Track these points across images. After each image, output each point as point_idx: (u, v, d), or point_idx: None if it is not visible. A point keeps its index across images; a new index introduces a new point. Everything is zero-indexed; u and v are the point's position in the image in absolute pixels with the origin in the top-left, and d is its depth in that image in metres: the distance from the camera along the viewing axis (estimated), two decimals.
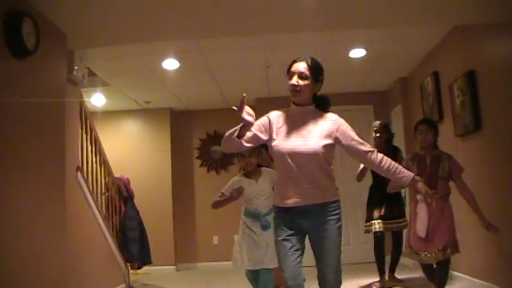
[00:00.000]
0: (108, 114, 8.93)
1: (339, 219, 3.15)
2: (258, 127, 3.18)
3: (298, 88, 3.11)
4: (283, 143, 3.10)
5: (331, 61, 7.04)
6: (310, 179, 3.07)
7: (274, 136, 3.15)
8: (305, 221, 3.11)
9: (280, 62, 6.98)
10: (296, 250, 3.10)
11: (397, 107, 8.34)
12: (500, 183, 5.04)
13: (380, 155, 3.13)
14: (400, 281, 6.29)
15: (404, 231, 6.43)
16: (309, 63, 3.16)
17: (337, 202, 3.18)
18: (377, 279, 6.28)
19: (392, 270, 6.36)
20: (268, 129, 3.18)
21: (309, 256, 3.21)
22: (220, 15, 4.71)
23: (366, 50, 6.68)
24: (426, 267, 4.73)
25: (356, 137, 3.17)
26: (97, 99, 8.05)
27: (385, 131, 6.33)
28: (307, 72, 3.12)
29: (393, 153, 6.33)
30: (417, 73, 7.50)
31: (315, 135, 3.09)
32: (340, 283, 3.12)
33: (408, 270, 6.90)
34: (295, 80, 3.12)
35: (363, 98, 8.93)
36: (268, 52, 6.60)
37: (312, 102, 3.23)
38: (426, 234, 4.49)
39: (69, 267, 4.82)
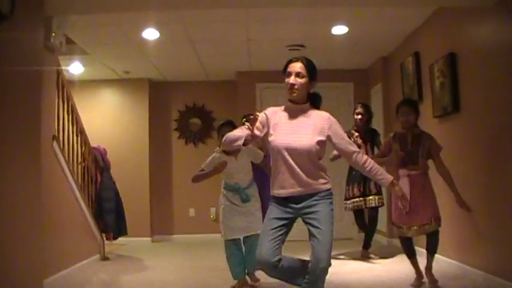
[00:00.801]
0: (86, 84, 8.79)
1: (331, 203, 3.36)
2: (256, 128, 3.32)
3: (296, 86, 3.29)
4: (280, 138, 3.29)
5: (314, 37, 7.02)
6: (304, 172, 3.27)
7: (271, 131, 3.34)
8: (298, 206, 3.31)
9: (262, 36, 6.96)
10: (279, 231, 3.30)
11: (377, 86, 8.37)
12: (476, 164, 5.11)
13: (365, 157, 3.38)
14: (373, 254, 6.53)
15: (381, 210, 6.58)
16: (305, 62, 3.34)
17: (329, 190, 3.38)
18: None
19: (366, 246, 6.50)
20: (266, 125, 3.35)
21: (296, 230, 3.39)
22: None
23: (348, 27, 6.64)
24: (405, 241, 4.83)
25: (346, 137, 3.40)
26: (75, 68, 7.91)
27: (367, 112, 6.47)
28: (304, 72, 3.30)
29: (372, 135, 6.47)
30: (398, 53, 7.50)
31: (309, 131, 3.29)
32: (330, 263, 3.24)
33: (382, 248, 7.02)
34: (293, 79, 3.28)
35: (343, 75, 8.93)
36: (250, 26, 6.54)
37: (307, 101, 3.41)
38: (409, 208, 4.57)
39: (44, 238, 4.80)
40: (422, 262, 4.87)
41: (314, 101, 3.45)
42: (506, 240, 4.53)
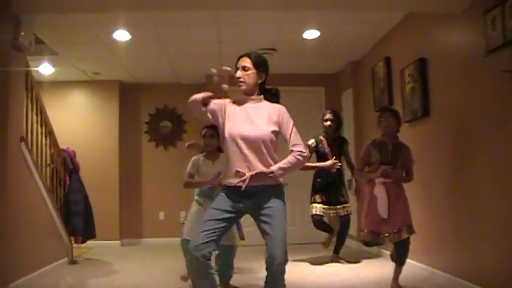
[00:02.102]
0: (56, 85, 8.66)
1: (283, 199, 3.34)
2: (219, 105, 3.40)
3: (242, 79, 3.39)
4: (234, 127, 3.32)
5: (285, 41, 7.04)
6: (257, 162, 3.27)
7: (226, 120, 3.37)
8: (250, 201, 3.28)
9: (234, 38, 6.96)
10: (220, 223, 3.23)
11: (348, 90, 8.43)
12: (445, 168, 5.18)
13: (296, 157, 3.30)
14: (342, 259, 6.56)
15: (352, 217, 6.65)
16: (251, 57, 3.43)
17: (281, 186, 3.37)
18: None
19: (337, 251, 6.54)
20: (224, 112, 3.39)
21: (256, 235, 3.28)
22: None
23: (320, 31, 6.68)
24: (370, 246, 4.85)
25: (294, 134, 3.36)
26: (44, 69, 7.80)
27: (336, 119, 6.50)
28: (250, 65, 3.39)
29: (341, 143, 6.51)
30: (369, 57, 7.57)
31: (263, 121, 3.33)
32: (287, 259, 3.18)
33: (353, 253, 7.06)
34: (238, 73, 3.39)
35: (314, 79, 8.98)
36: (221, 28, 6.53)
37: (259, 93, 3.47)
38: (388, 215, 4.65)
39: (10, 241, 4.71)
40: (388, 267, 4.90)
41: (271, 96, 3.50)
42: (469, 244, 4.64)
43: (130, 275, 6.13)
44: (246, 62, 3.40)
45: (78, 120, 9.07)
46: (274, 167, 3.23)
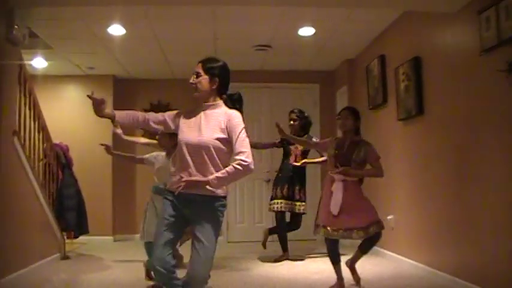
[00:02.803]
0: (49, 79, 8.63)
1: (221, 214, 3.30)
2: (170, 115, 3.44)
3: (194, 85, 3.37)
4: (182, 133, 3.32)
5: (281, 38, 7.03)
6: (200, 169, 3.19)
7: (180, 127, 3.37)
8: (188, 210, 3.25)
9: (229, 35, 6.94)
10: (173, 233, 3.24)
11: (343, 88, 8.43)
12: (438, 166, 5.19)
13: (235, 166, 3.14)
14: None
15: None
16: (204, 62, 3.42)
17: (223, 199, 3.30)
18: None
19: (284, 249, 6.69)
20: (179, 120, 3.40)
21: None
22: None
23: (315, 29, 6.67)
24: (332, 244, 4.83)
25: (240, 141, 3.20)
26: (38, 62, 7.76)
27: (300, 118, 6.63)
28: (201, 71, 3.37)
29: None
30: (364, 55, 7.58)
31: (211, 128, 3.25)
32: (207, 278, 3.24)
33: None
34: (191, 79, 3.39)
35: (309, 76, 8.99)
36: (217, 24, 6.51)
37: (215, 99, 3.39)
38: (338, 212, 4.64)
39: (1, 236, 4.69)
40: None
41: (233, 101, 3.44)
42: (468, 244, 4.63)
43: (122, 270, 6.11)
44: (199, 68, 3.39)
45: (71, 114, 9.01)
46: (211, 176, 3.11)
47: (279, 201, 6.53)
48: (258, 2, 5.21)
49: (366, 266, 5.77)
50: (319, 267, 6.07)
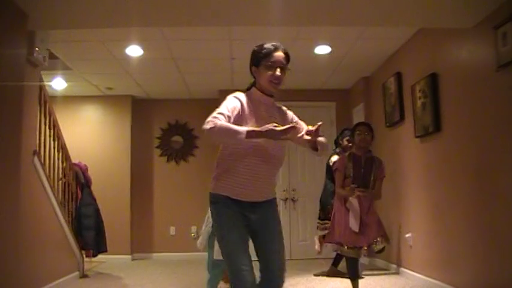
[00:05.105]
0: (69, 99, 8.77)
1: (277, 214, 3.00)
2: (235, 117, 2.74)
3: (278, 82, 2.88)
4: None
5: (297, 57, 6.97)
6: (268, 177, 2.85)
7: (244, 123, 2.75)
8: (254, 215, 2.83)
9: (245, 55, 6.94)
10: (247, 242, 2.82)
11: (359, 106, 8.43)
12: (456, 183, 5.15)
13: None
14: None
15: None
16: (286, 52, 2.94)
17: (275, 199, 3.01)
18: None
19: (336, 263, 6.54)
20: (241, 114, 2.78)
21: None
22: (185, 4, 4.65)
23: (331, 47, 6.71)
24: (353, 262, 4.79)
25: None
26: (57, 83, 7.88)
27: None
28: (286, 62, 2.90)
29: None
30: (380, 73, 7.58)
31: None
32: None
33: None
34: (279, 72, 2.86)
35: (326, 95, 9.01)
36: (233, 44, 6.57)
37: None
38: (359, 228, 4.63)
39: (22, 254, 4.73)
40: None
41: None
42: (485, 260, 4.57)
43: None
44: (283, 58, 2.94)
45: (90, 134, 9.13)
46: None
47: None
48: (273, 23, 5.25)
49: (385, 285, 5.72)
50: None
